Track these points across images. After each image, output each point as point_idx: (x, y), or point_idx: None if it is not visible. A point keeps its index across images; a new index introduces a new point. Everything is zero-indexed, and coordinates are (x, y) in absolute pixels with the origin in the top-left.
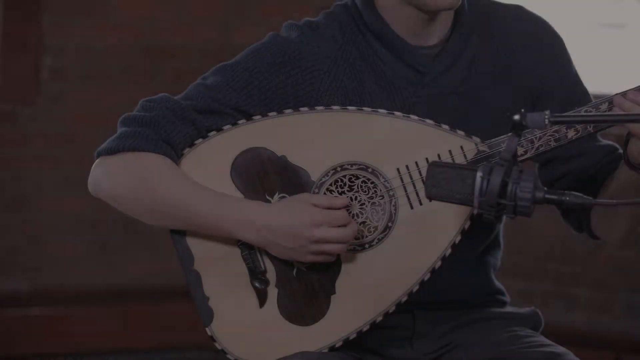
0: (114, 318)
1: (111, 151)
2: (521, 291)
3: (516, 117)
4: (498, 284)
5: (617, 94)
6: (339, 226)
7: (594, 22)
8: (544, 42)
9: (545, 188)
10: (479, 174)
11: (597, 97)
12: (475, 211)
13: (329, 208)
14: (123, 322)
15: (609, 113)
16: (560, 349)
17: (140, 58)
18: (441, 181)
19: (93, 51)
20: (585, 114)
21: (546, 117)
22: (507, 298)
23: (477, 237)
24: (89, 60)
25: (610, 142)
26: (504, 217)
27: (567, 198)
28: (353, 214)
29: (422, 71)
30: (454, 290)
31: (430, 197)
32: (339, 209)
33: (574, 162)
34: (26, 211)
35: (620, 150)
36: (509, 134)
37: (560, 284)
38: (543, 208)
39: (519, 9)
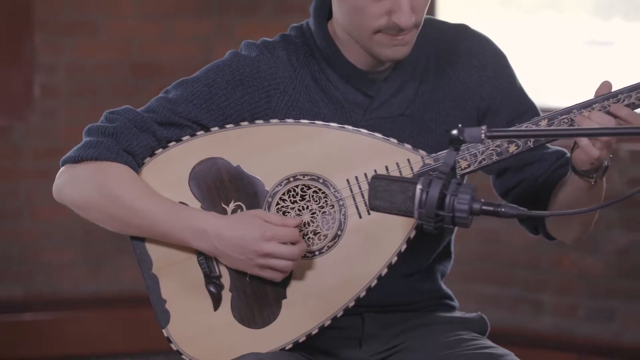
0: (105, 323)
1: (75, 160)
2: (491, 296)
3: (454, 132)
4: (447, 289)
5: (565, 110)
6: (289, 244)
7: (583, 40)
8: (487, 61)
9: (483, 200)
10: (418, 187)
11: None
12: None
13: (281, 226)
14: (114, 327)
15: (545, 128)
16: (502, 350)
17: (127, 75)
18: (383, 194)
19: (83, 68)
20: (520, 128)
21: (483, 132)
22: (456, 303)
23: (427, 246)
24: (79, 77)
25: (559, 148)
26: (455, 229)
27: (503, 209)
28: (304, 222)
29: (372, 95)
30: (403, 295)
31: (373, 209)
32: (291, 227)
33: (526, 170)
34: (19, 221)
35: (569, 155)
36: None
37: (527, 289)
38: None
39: (463, 28)
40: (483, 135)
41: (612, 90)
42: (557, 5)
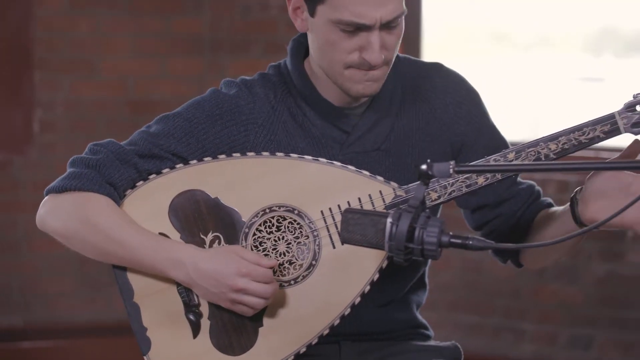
0: (100, 350)
1: (59, 190)
2: (473, 325)
3: (423, 167)
4: (422, 319)
5: (532, 143)
6: (262, 283)
7: (575, 76)
8: (462, 98)
9: (451, 233)
10: (388, 220)
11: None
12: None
13: (257, 264)
14: (108, 354)
15: (509, 163)
16: None
17: (123, 111)
18: (355, 227)
19: (80, 105)
20: (488, 163)
21: (451, 167)
22: (431, 332)
23: (401, 277)
24: (76, 114)
25: (530, 183)
26: (429, 261)
27: (471, 242)
28: (280, 252)
29: (348, 131)
30: (379, 324)
31: (344, 242)
32: (266, 267)
33: (502, 206)
34: (19, 252)
35: (537, 188)
36: None
37: (509, 318)
38: None
39: (438, 67)
40: (451, 170)
41: (579, 124)
42: (550, 42)
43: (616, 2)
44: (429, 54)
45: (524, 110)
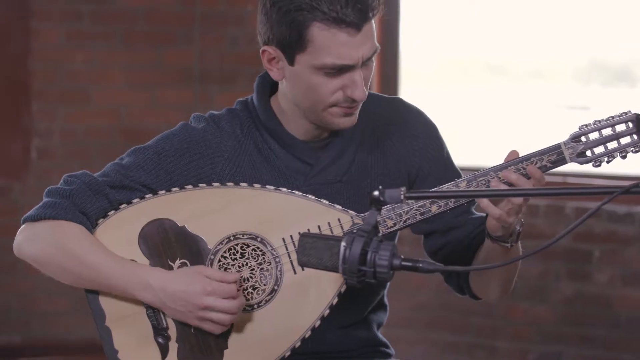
0: None
1: (35, 218)
2: (448, 343)
3: (375, 193)
4: (382, 338)
5: (483, 172)
6: (228, 298)
7: (565, 105)
8: (418, 131)
9: (402, 256)
10: (342, 244)
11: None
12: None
13: (221, 281)
14: None
15: (457, 189)
16: None
17: (117, 139)
18: (311, 251)
19: (76, 133)
20: (435, 190)
21: (402, 193)
22: (392, 351)
23: (361, 300)
24: (72, 142)
25: (482, 215)
26: (388, 284)
27: (421, 265)
28: (244, 278)
29: (311, 163)
30: (341, 343)
31: (302, 265)
32: (230, 283)
33: (450, 234)
34: (17, 273)
35: None
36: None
37: (482, 336)
38: None
39: (397, 101)
40: (402, 196)
41: (527, 154)
42: (542, 73)
43: (604, 35)
44: (407, 85)
45: (515, 136)
